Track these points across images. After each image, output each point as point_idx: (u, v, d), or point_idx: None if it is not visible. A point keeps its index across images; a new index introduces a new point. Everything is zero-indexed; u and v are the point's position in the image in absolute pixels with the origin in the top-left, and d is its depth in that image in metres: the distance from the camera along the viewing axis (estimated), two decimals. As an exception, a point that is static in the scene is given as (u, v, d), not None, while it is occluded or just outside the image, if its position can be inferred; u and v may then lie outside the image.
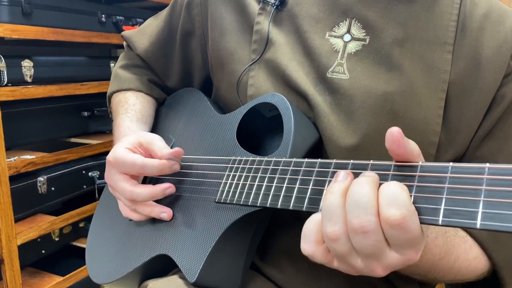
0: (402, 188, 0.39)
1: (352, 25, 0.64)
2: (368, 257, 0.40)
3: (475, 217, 0.35)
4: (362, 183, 0.40)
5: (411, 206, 0.38)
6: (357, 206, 0.39)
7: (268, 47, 0.67)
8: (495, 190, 0.35)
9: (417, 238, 0.38)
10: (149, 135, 0.67)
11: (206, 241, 0.57)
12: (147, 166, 0.62)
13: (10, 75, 1.50)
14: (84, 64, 1.81)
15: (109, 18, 1.86)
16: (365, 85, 0.61)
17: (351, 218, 0.39)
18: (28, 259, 1.68)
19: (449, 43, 0.62)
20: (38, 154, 1.62)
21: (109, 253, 0.71)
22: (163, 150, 0.63)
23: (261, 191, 0.51)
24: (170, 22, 0.80)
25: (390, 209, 0.37)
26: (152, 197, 0.64)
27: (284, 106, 0.59)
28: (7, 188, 1.44)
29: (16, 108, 1.60)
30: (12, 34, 1.45)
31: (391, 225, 0.37)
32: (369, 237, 0.38)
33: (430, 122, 0.60)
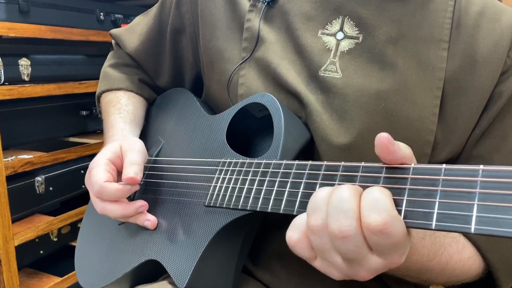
0: (384, 193, 0.38)
1: (345, 23, 0.63)
2: (350, 260, 0.39)
3: (469, 221, 0.33)
4: (344, 188, 0.39)
5: (393, 211, 0.37)
6: (338, 210, 0.38)
7: (258, 45, 0.65)
8: (489, 193, 0.33)
9: (400, 243, 0.37)
10: (128, 144, 0.65)
11: (196, 246, 0.55)
12: (104, 192, 0.60)
13: (7, 73, 1.49)
14: (82, 62, 1.80)
15: (108, 16, 1.84)
16: (358, 83, 0.60)
17: (331, 222, 0.38)
18: (26, 260, 1.67)
19: (444, 41, 0.60)
20: (36, 154, 1.61)
21: (98, 258, 0.69)
22: (127, 169, 0.61)
23: (251, 194, 0.50)
24: (160, 19, 0.79)
25: (371, 215, 0.36)
26: (124, 216, 0.62)
27: (274, 107, 0.57)
28: (4, 188, 1.43)
29: (14, 107, 1.59)
30: (9, 32, 1.44)
31: (373, 231, 0.36)
32: (348, 243, 0.38)
33: (425, 121, 0.59)
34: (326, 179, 0.44)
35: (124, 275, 0.63)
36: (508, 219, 0.31)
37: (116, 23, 1.87)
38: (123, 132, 0.70)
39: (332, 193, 0.39)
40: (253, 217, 0.53)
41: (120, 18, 1.88)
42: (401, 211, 0.37)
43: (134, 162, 0.62)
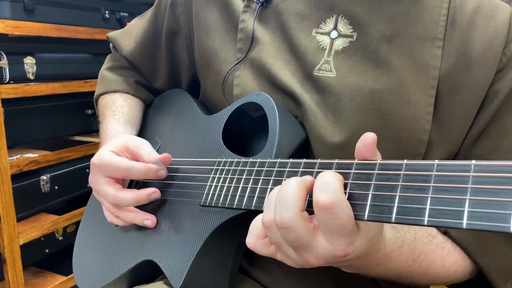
0: (336, 177, 0.40)
1: (339, 22, 0.62)
2: (297, 248, 0.42)
3: (461, 217, 0.32)
4: (291, 181, 0.42)
5: (341, 194, 0.39)
6: (281, 203, 0.41)
7: (253, 46, 0.65)
8: (481, 188, 0.32)
9: (346, 227, 0.39)
10: (137, 140, 0.65)
11: (191, 246, 0.55)
12: (132, 169, 0.60)
13: (12, 72, 1.49)
14: (87, 61, 1.80)
15: (113, 15, 1.84)
16: (352, 82, 0.59)
17: (275, 214, 0.41)
18: (31, 259, 1.68)
19: (439, 38, 0.59)
20: (41, 153, 1.62)
21: (95, 259, 0.69)
22: (151, 155, 0.62)
23: (245, 193, 0.49)
24: (155, 22, 0.78)
25: (321, 194, 0.39)
26: (136, 202, 0.62)
27: (269, 106, 0.57)
28: (9, 187, 1.44)
29: (19, 106, 1.60)
30: (14, 30, 1.45)
31: (320, 208, 0.39)
32: (289, 232, 0.40)
33: (420, 120, 0.58)
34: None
35: (121, 275, 0.63)
36: (500, 214, 0.30)
37: (122, 22, 1.87)
38: (118, 131, 0.70)
39: (281, 186, 0.42)
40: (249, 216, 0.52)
41: (126, 16, 1.88)
42: (393, 207, 0.36)
43: (154, 152, 0.63)
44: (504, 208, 0.30)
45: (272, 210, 0.42)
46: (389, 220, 0.36)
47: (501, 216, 0.30)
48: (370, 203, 0.38)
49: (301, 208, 0.41)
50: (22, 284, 1.51)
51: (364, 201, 0.39)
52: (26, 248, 1.53)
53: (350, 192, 0.40)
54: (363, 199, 0.39)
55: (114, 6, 1.85)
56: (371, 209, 0.38)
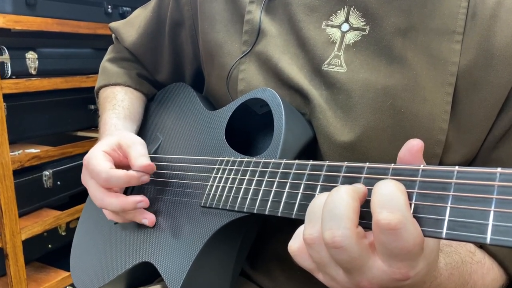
0: (399, 188, 0.34)
1: (350, 14, 0.59)
2: (349, 270, 0.36)
3: (485, 231, 0.30)
4: (341, 191, 0.36)
5: (407, 212, 0.33)
6: (331, 216, 0.35)
7: (259, 39, 0.62)
8: (508, 200, 0.30)
9: (410, 251, 0.33)
10: (130, 138, 0.63)
11: (190, 249, 0.53)
12: (112, 178, 0.58)
13: (14, 67, 1.48)
14: (90, 56, 1.78)
15: (116, 9, 1.82)
16: (364, 78, 0.56)
17: (324, 229, 0.35)
18: (34, 254, 1.67)
19: (458, 32, 0.56)
20: (43, 148, 1.60)
21: (93, 259, 0.67)
22: (137, 159, 0.59)
23: (248, 195, 0.47)
24: (158, 12, 0.76)
25: (383, 211, 0.33)
26: (122, 209, 0.60)
27: (275, 103, 0.54)
28: (11, 182, 1.43)
29: (21, 101, 1.58)
30: (15, 25, 1.43)
31: (382, 228, 0.33)
32: (341, 253, 0.34)
33: (436, 119, 0.55)
34: (327, 180, 0.40)
35: (118, 276, 0.61)
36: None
37: (124, 16, 1.85)
38: (116, 127, 0.68)
39: (328, 196, 0.36)
40: (251, 219, 0.50)
41: (128, 11, 1.86)
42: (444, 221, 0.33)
43: (143, 154, 0.61)
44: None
45: (316, 225, 0.36)
46: None
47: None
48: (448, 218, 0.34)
49: (356, 223, 0.35)
50: (24, 279, 1.50)
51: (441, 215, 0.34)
52: (28, 243, 1.52)
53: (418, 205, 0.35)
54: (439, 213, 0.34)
55: (116, 1, 1.83)
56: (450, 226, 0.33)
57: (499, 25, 0.56)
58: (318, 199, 0.38)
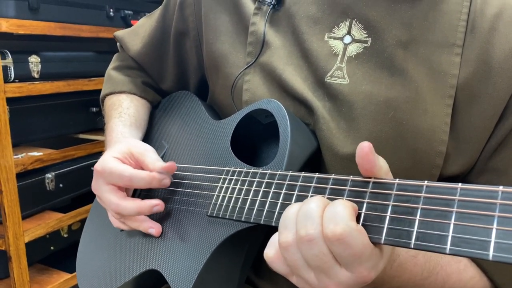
0: (345, 205, 0.39)
1: (353, 26, 0.60)
2: (319, 271, 0.40)
3: (487, 248, 0.31)
4: (313, 200, 0.41)
5: (351, 222, 0.38)
6: (305, 217, 0.40)
7: (264, 50, 0.63)
8: (510, 218, 0.31)
9: (362, 255, 0.38)
10: (141, 146, 0.64)
11: (197, 258, 0.54)
12: (136, 178, 0.59)
13: (17, 71, 1.48)
14: (92, 59, 1.79)
15: (118, 13, 1.83)
16: (366, 90, 0.57)
17: (299, 228, 0.40)
18: (36, 256, 1.68)
19: (458, 45, 0.57)
20: (46, 151, 1.61)
21: (99, 264, 0.68)
22: (156, 163, 0.60)
23: (255, 206, 0.48)
24: (163, 22, 0.77)
25: (329, 225, 0.38)
26: (138, 213, 0.61)
27: (280, 114, 0.55)
28: (14, 185, 1.43)
29: (23, 104, 1.59)
30: (18, 29, 1.44)
31: (330, 240, 0.38)
32: (314, 246, 0.39)
33: (437, 131, 0.56)
34: (333, 193, 0.42)
35: (125, 284, 0.62)
36: (530, 247, 0.29)
37: (126, 20, 1.86)
38: (123, 135, 0.69)
39: (302, 205, 0.41)
40: (257, 228, 0.51)
41: (130, 14, 1.86)
42: (413, 232, 0.35)
43: (159, 159, 0.62)
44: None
45: (291, 230, 0.41)
46: (407, 246, 0.35)
47: (530, 249, 0.29)
48: (387, 226, 0.37)
49: None
50: (27, 281, 1.51)
51: (381, 223, 0.37)
52: (31, 245, 1.53)
53: (366, 213, 0.39)
54: (380, 222, 0.37)
55: (118, 4, 1.83)
56: (388, 233, 0.37)
57: (498, 38, 0.57)
58: (292, 208, 0.42)
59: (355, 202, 0.40)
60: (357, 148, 0.40)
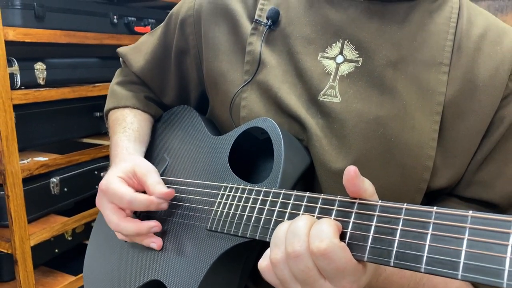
0: (330, 223, 0.42)
1: (345, 46, 0.63)
2: (305, 284, 0.43)
3: (457, 268, 0.34)
4: (301, 218, 0.44)
5: (335, 238, 0.41)
6: (293, 235, 0.43)
7: (260, 69, 0.66)
8: (477, 241, 0.34)
9: (345, 269, 0.41)
10: (144, 166, 0.66)
11: (198, 269, 0.57)
12: (135, 202, 0.62)
13: (23, 78, 1.52)
14: (96, 65, 1.83)
15: (121, 20, 1.86)
16: (357, 108, 0.60)
17: (287, 245, 0.43)
18: (41, 258, 1.72)
19: (445, 64, 0.60)
20: (51, 156, 1.65)
21: (106, 274, 0.71)
22: (156, 187, 0.63)
23: (250, 222, 0.51)
24: (164, 40, 0.80)
25: (315, 241, 0.42)
26: (137, 234, 0.64)
27: (275, 133, 0.58)
28: (20, 190, 1.47)
29: (29, 110, 1.63)
30: (24, 38, 1.47)
31: (316, 255, 0.41)
32: (300, 262, 0.42)
33: (424, 147, 0.58)
34: (322, 212, 0.45)
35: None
36: (492, 268, 0.32)
37: (129, 26, 1.89)
38: (128, 151, 0.71)
39: (290, 224, 0.45)
40: (253, 242, 0.55)
41: (133, 21, 1.89)
42: (393, 251, 0.38)
43: (160, 182, 0.65)
44: (497, 263, 0.32)
45: (281, 248, 0.44)
46: (388, 264, 0.38)
47: (494, 271, 0.32)
48: (370, 245, 0.40)
49: None
50: (33, 284, 1.55)
51: (364, 242, 0.41)
52: (36, 248, 1.56)
53: (351, 232, 0.42)
54: (364, 241, 0.41)
55: (122, 11, 1.87)
56: (371, 251, 0.40)
57: (483, 58, 0.60)
58: (282, 226, 0.46)
59: (342, 221, 0.43)
60: (344, 172, 0.43)
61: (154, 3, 2.09)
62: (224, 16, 0.70)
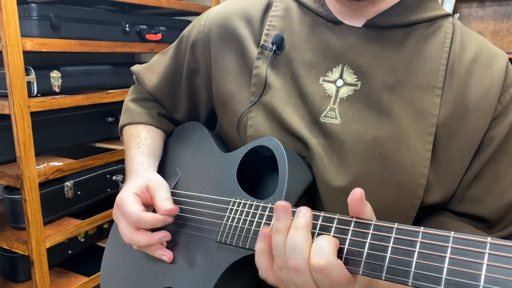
0: (330, 241, 0.47)
1: (344, 71, 0.66)
2: None
3: (440, 283, 0.39)
4: (298, 228, 0.49)
5: (333, 256, 0.46)
6: (293, 250, 0.48)
7: (266, 91, 0.70)
8: (457, 259, 0.39)
9: (339, 283, 0.46)
10: (157, 182, 0.71)
11: (208, 279, 0.62)
12: (141, 220, 0.66)
13: (39, 86, 1.58)
14: (109, 72, 1.89)
15: (133, 28, 1.92)
16: (355, 130, 0.64)
17: (288, 259, 0.48)
18: (55, 259, 1.79)
19: (438, 87, 0.63)
20: (65, 161, 1.71)
21: (122, 281, 0.76)
22: (162, 203, 0.67)
23: (257, 236, 0.56)
24: (176, 60, 0.84)
25: (315, 257, 0.46)
26: (148, 245, 0.68)
27: (279, 152, 0.62)
28: (37, 194, 1.53)
29: (44, 116, 1.69)
30: (41, 47, 1.53)
31: (315, 270, 0.46)
32: (300, 276, 0.47)
33: (418, 165, 0.62)
34: (322, 229, 0.49)
35: None
36: (469, 284, 0.37)
37: (141, 34, 1.94)
38: (142, 166, 0.76)
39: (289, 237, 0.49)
40: None
41: (145, 28, 1.95)
42: (384, 267, 0.43)
43: (167, 198, 0.69)
44: (474, 279, 0.37)
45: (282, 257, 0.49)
46: (380, 278, 0.43)
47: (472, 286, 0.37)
48: (364, 260, 0.44)
49: None
50: (48, 284, 1.60)
51: (360, 257, 0.45)
52: (51, 249, 1.63)
53: (348, 248, 0.46)
54: (359, 256, 0.45)
55: (134, 19, 1.92)
56: (365, 266, 0.44)
57: (473, 82, 0.64)
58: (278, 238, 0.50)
59: (340, 238, 0.48)
60: (351, 193, 0.47)
61: (163, 10, 2.14)
62: (232, 40, 0.74)
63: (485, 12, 2.27)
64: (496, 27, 2.25)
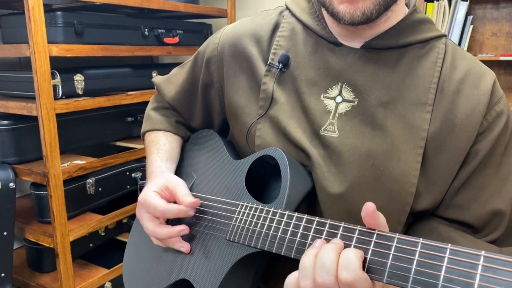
0: (356, 255, 0.51)
1: (343, 88, 0.72)
2: None
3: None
4: (329, 248, 0.53)
5: (359, 271, 0.50)
6: (322, 268, 0.52)
7: (272, 105, 0.76)
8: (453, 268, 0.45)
9: None
10: (175, 181, 0.78)
11: (219, 271, 0.70)
12: (167, 212, 0.74)
13: (64, 88, 1.67)
14: (129, 75, 1.97)
15: (151, 32, 1.99)
16: (351, 142, 0.69)
17: (317, 276, 0.52)
18: (78, 252, 1.89)
19: (429, 104, 0.69)
20: (88, 159, 1.79)
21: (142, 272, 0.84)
22: (185, 198, 0.74)
23: (261, 236, 0.64)
24: (192, 74, 0.91)
25: (343, 272, 0.50)
26: (169, 237, 0.75)
27: (282, 162, 0.69)
28: (61, 191, 1.62)
29: (68, 117, 1.79)
30: (66, 53, 1.61)
31: (343, 284, 0.50)
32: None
33: (408, 175, 0.67)
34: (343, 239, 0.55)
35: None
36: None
37: (159, 38, 2.02)
38: (161, 169, 0.84)
39: (318, 253, 0.53)
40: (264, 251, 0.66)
41: (163, 32, 2.02)
42: (385, 272, 0.49)
43: (188, 194, 0.77)
44: (468, 287, 0.44)
45: (309, 277, 0.52)
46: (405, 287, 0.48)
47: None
48: (388, 269, 0.49)
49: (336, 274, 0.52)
50: (71, 275, 1.70)
51: (383, 267, 0.50)
52: (74, 242, 1.72)
53: (370, 258, 0.51)
54: (382, 266, 0.50)
55: (152, 24, 2.00)
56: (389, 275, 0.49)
57: (461, 99, 0.69)
58: (307, 260, 0.54)
59: (362, 248, 0.53)
60: (363, 207, 0.52)
61: (179, 13, 2.21)
62: (242, 59, 0.82)
63: (499, 13, 2.29)
64: (510, 28, 2.27)
